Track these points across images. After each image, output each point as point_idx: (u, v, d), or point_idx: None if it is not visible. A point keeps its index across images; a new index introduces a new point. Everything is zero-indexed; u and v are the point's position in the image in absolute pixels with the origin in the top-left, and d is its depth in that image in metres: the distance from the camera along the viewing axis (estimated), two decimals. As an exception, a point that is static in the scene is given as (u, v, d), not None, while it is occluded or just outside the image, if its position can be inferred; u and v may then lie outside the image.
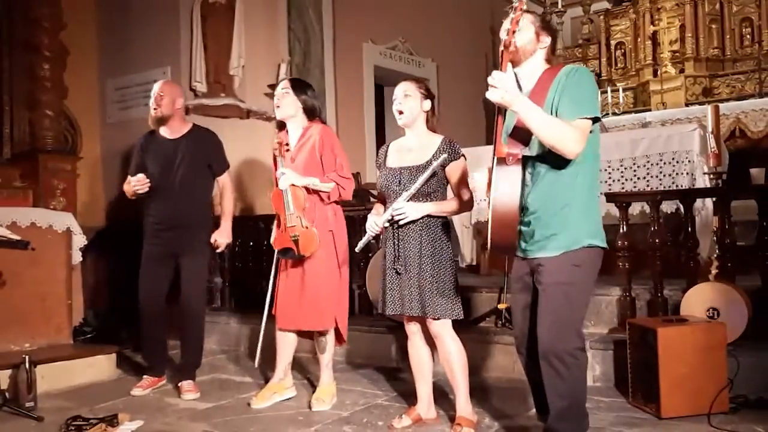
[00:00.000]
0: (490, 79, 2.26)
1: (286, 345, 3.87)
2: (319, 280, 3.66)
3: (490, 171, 2.48)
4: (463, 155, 3.20)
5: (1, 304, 4.43)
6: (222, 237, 4.18)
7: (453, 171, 3.17)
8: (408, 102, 3.22)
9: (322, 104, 6.83)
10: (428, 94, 3.28)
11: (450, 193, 3.24)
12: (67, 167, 5.64)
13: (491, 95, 2.27)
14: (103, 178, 6.66)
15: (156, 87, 4.12)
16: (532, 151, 2.48)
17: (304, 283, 3.67)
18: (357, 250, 3.40)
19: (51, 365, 4.27)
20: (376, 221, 3.22)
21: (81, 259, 5.09)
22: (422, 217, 3.12)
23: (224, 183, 4.24)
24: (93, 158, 6.58)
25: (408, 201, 3.11)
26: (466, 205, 3.20)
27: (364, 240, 3.31)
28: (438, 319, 3.11)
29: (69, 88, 6.00)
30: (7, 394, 3.82)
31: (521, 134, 2.41)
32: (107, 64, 6.80)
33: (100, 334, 5.44)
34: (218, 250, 4.20)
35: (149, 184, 4.01)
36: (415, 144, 3.26)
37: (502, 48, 2.36)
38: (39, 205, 5.30)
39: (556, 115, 2.41)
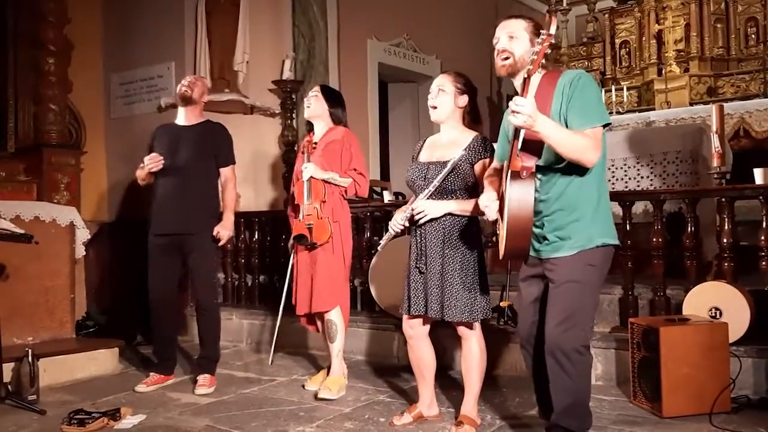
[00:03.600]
0: (512, 105, 2.28)
1: None
2: (323, 268, 3.85)
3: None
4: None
5: (4, 298, 4.43)
6: (225, 229, 4.21)
7: (479, 169, 3.06)
8: (441, 97, 3.14)
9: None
10: (465, 90, 3.16)
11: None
12: (71, 161, 5.65)
13: (515, 120, 2.29)
14: (106, 173, 6.67)
15: (189, 77, 4.35)
16: (543, 159, 2.50)
17: (313, 272, 3.88)
18: (380, 248, 3.42)
19: (53, 359, 4.29)
20: (398, 219, 3.17)
21: (84, 253, 5.09)
22: (445, 216, 3.06)
23: (227, 176, 4.28)
24: (97, 153, 6.58)
25: (429, 199, 3.06)
26: None
27: (386, 238, 3.29)
28: (458, 322, 3.07)
29: (73, 82, 6.02)
30: (9, 387, 3.83)
31: (533, 146, 2.42)
32: (112, 59, 6.81)
33: (102, 328, 5.46)
34: (220, 243, 4.23)
35: (162, 162, 4.03)
36: (447, 140, 3.19)
37: (525, 75, 2.36)
38: (43, 199, 5.31)
39: (566, 124, 2.44)
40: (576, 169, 2.47)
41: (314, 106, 4.01)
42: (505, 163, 2.65)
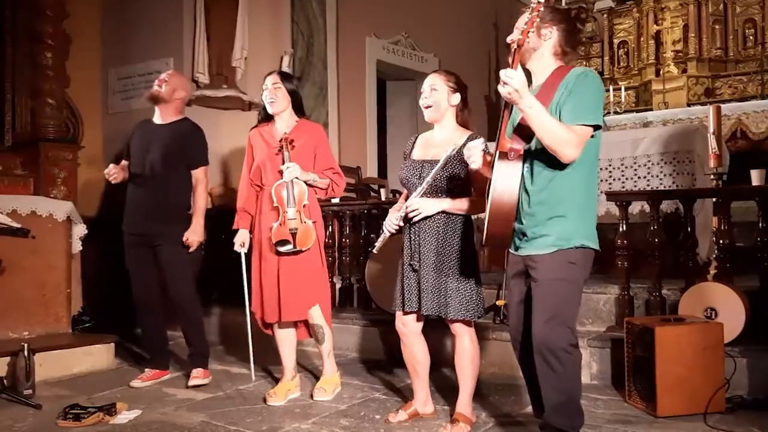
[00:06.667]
0: (502, 74, 2.26)
1: (287, 344, 3.85)
2: (300, 269, 3.64)
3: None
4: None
5: (0, 292, 4.43)
6: (193, 235, 4.06)
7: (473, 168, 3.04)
8: (435, 96, 3.13)
9: (324, 97, 6.84)
10: (457, 88, 3.16)
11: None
12: (68, 156, 5.64)
13: (501, 89, 2.28)
14: (104, 168, 6.60)
15: (165, 73, 4.22)
16: (533, 147, 2.49)
17: (282, 273, 3.64)
18: (375, 251, 3.32)
19: (49, 353, 4.29)
20: (393, 219, 3.15)
21: (81, 248, 5.09)
22: (439, 214, 3.05)
23: (198, 178, 4.15)
24: (94, 147, 6.56)
25: (423, 196, 3.05)
26: (483, 205, 3.04)
27: (382, 239, 3.24)
28: (455, 320, 3.08)
29: (71, 77, 5.99)
30: (5, 382, 3.83)
31: (525, 131, 2.41)
32: (110, 54, 6.79)
33: (98, 323, 5.45)
34: (190, 250, 4.10)
35: (116, 177, 4.10)
36: (440, 138, 3.18)
37: (515, 46, 2.34)
38: (40, 193, 5.30)
39: (560, 117, 2.42)
40: (564, 166, 2.43)
41: (279, 100, 3.68)
42: (493, 144, 2.64)
